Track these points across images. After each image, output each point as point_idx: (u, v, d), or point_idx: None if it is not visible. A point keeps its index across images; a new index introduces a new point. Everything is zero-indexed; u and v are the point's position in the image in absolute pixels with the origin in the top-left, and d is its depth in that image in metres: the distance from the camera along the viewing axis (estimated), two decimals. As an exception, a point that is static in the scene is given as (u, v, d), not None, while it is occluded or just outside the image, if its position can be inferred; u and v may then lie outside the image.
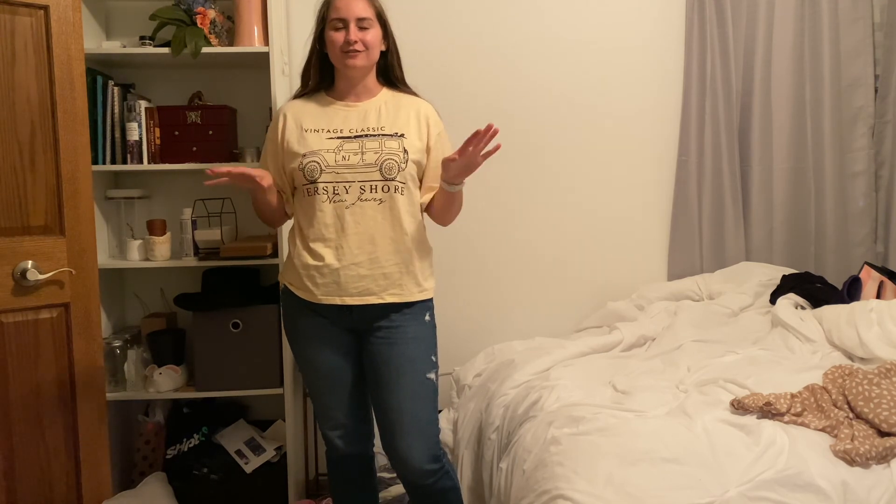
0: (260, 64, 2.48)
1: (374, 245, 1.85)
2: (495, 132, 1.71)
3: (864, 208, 2.91)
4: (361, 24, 1.85)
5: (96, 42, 2.55)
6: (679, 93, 2.84)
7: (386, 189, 1.85)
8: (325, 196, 1.84)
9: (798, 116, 2.87)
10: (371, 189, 1.84)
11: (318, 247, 1.85)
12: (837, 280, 2.67)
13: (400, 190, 1.86)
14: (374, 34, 1.87)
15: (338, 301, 1.86)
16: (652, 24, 2.84)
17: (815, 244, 2.91)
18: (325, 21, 1.89)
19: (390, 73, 1.98)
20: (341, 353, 1.93)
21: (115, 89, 2.49)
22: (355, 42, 1.83)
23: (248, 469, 2.53)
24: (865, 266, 2.60)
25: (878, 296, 2.45)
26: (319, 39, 1.92)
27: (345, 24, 1.84)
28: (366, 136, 1.87)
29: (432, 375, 1.92)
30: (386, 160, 1.84)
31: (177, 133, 2.51)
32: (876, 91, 2.89)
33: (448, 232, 2.11)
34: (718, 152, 2.84)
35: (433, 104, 2.00)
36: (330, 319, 1.91)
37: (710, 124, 2.82)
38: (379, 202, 1.85)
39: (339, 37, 1.85)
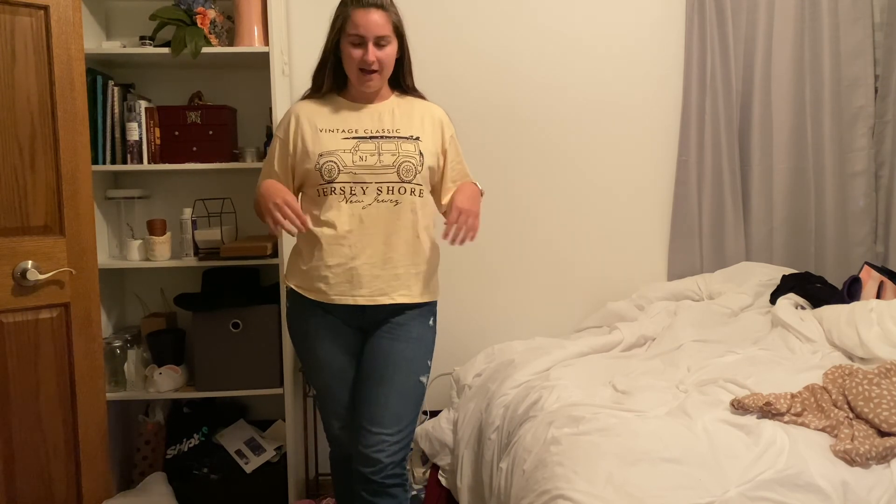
0: (260, 64, 2.48)
1: (388, 246, 1.86)
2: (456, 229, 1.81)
3: (864, 208, 2.91)
4: (380, 41, 1.84)
5: (96, 42, 2.55)
6: (679, 93, 2.84)
7: (402, 191, 1.85)
8: (343, 196, 1.84)
9: (798, 116, 2.87)
10: (388, 190, 1.85)
11: (331, 247, 1.85)
12: (837, 280, 2.67)
13: (417, 192, 1.87)
14: (390, 50, 1.86)
15: (350, 301, 1.86)
16: (652, 24, 2.83)
17: (815, 244, 2.91)
18: (343, 32, 1.85)
19: (401, 79, 1.97)
20: (351, 353, 1.94)
21: (115, 89, 2.49)
22: (373, 62, 1.83)
23: (248, 469, 2.53)
24: (865, 266, 2.60)
25: (878, 296, 2.45)
26: (335, 48, 1.89)
27: (363, 41, 1.83)
28: (381, 137, 1.87)
29: (424, 379, 1.93)
30: (403, 162, 1.85)
31: (177, 133, 2.51)
32: (876, 91, 2.88)
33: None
34: (718, 152, 2.84)
35: (441, 106, 2.01)
36: (342, 319, 1.91)
37: (710, 124, 2.82)
38: (395, 203, 1.85)
39: (357, 53, 1.83)
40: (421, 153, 1.88)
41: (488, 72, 2.81)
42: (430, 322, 1.97)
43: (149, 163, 2.50)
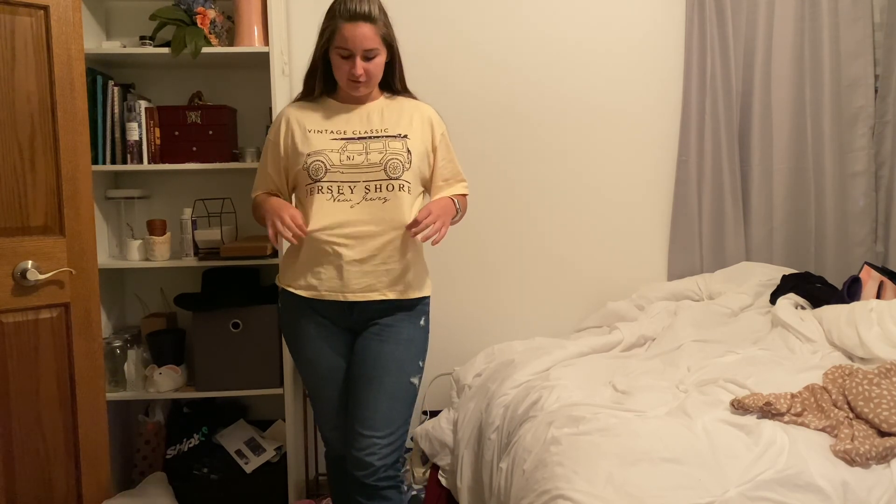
0: (260, 64, 2.48)
1: (377, 243, 1.86)
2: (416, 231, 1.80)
3: (864, 208, 2.91)
4: (368, 54, 1.84)
5: (96, 42, 2.55)
6: (679, 93, 2.84)
7: (391, 188, 1.86)
8: (331, 195, 1.84)
9: (798, 116, 2.87)
10: (376, 188, 1.85)
11: (322, 245, 1.86)
12: (837, 280, 2.67)
13: (406, 189, 1.87)
14: (378, 61, 1.87)
15: (340, 297, 1.87)
16: (652, 24, 2.83)
17: (815, 244, 2.91)
18: (331, 43, 1.85)
19: (392, 82, 1.97)
20: (341, 353, 1.94)
21: (115, 89, 2.49)
22: (361, 75, 1.83)
23: (248, 469, 2.53)
24: (865, 266, 2.60)
25: (878, 296, 2.45)
26: (323, 55, 1.89)
27: (351, 54, 1.83)
28: (370, 137, 1.88)
29: (416, 380, 1.93)
30: (390, 160, 1.85)
31: (177, 133, 2.51)
32: (876, 91, 2.88)
33: (448, 231, 2.10)
34: (718, 152, 2.84)
35: (433, 106, 2.01)
36: (331, 319, 1.92)
37: (710, 124, 2.82)
38: (384, 201, 1.86)
39: (344, 66, 1.84)
40: (409, 150, 1.88)
41: (488, 72, 2.81)
42: (422, 322, 1.97)
43: (149, 163, 2.50)
